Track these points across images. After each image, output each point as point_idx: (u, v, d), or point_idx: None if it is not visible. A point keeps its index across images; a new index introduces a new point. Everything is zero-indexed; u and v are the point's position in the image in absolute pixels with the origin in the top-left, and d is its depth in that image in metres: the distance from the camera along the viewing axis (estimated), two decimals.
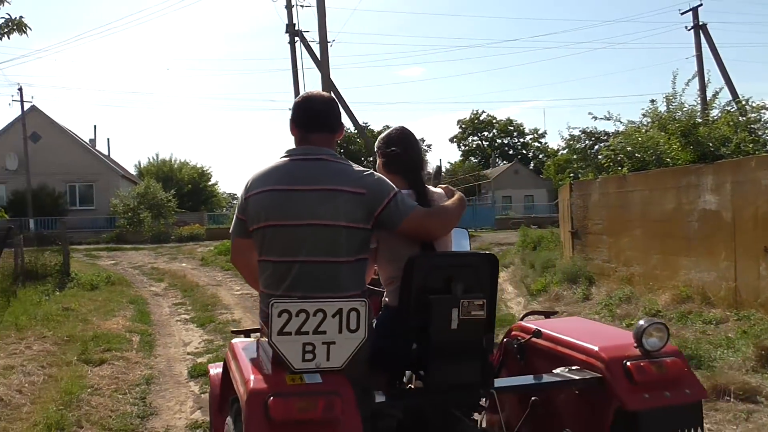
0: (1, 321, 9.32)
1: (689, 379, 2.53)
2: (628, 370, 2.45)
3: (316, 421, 2.08)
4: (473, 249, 5.23)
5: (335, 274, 2.51)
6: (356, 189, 2.53)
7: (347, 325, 2.23)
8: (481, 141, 78.32)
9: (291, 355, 2.21)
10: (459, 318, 2.47)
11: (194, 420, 5.68)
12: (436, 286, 2.51)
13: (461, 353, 2.52)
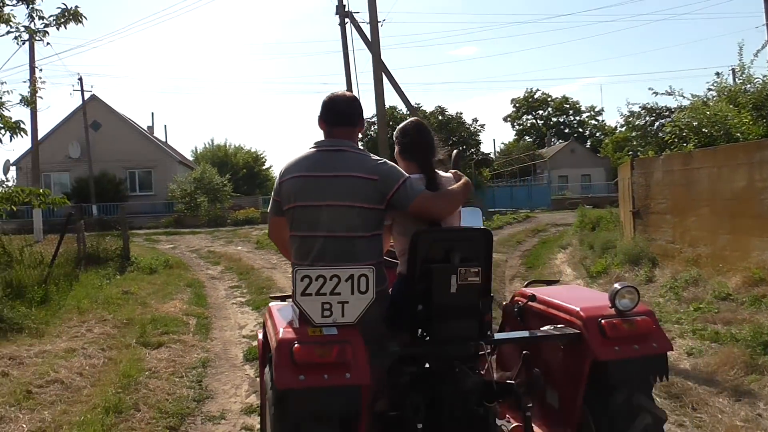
0: (64, 304, 9.54)
1: (657, 335, 2.90)
2: (602, 327, 2.84)
3: (331, 363, 2.53)
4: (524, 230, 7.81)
5: (353, 248, 2.97)
6: (371, 176, 2.98)
7: (358, 287, 2.68)
8: (536, 120, 76.89)
9: (312, 312, 2.66)
10: (457, 283, 2.89)
11: (249, 404, 5.65)
12: (437, 256, 2.93)
13: (459, 313, 2.94)
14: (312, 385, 2.51)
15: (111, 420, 4.99)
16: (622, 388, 2.86)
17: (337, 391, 2.54)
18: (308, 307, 2.67)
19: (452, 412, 2.91)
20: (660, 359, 2.90)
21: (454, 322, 2.96)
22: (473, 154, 42.64)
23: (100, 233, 16.28)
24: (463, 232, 3.26)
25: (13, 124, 13.68)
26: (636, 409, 2.85)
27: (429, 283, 2.91)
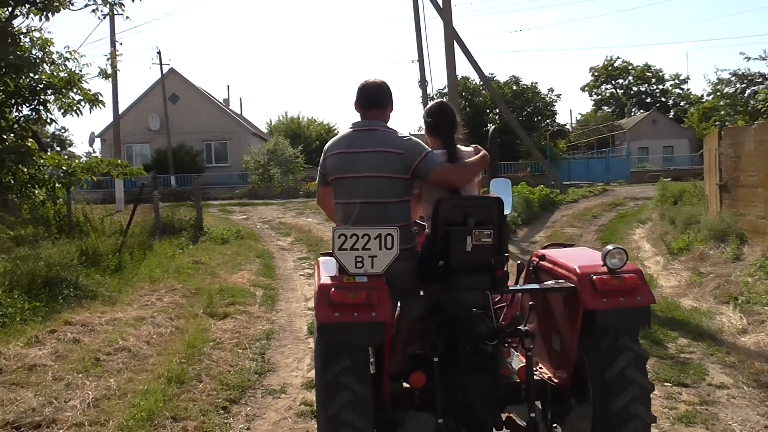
0: (137, 273, 9.77)
1: (642, 289, 3.33)
2: (593, 282, 3.28)
3: (360, 304, 3.08)
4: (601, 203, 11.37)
5: (384, 212, 3.52)
6: (397, 150, 3.53)
7: (385, 244, 3.19)
8: (615, 89, 73.91)
9: (347, 264, 3.19)
10: (472, 243, 3.36)
11: (310, 379, 5.56)
12: (456, 220, 3.41)
13: (474, 268, 3.43)
14: (344, 320, 3.07)
15: (173, 390, 5.01)
16: (608, 333, 3.32)
17: (364, 326, 3.10)
18: (344, 259, 3.20)
19: (464, 350, 3.48)
20: (643, 310, 3.33)
21: (469, 276, 3.46)
22: (548, 125, 41.44)
23: (175, 204, 16.66)
24: (478, 199, 3.79)
25: (92, 96, 14.09)
26: (620, 349, 3.31)
27: (448, 242, 3.39)
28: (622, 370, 3.28)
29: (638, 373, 3.31)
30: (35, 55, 13.04)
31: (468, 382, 3.45)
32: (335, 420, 3.11)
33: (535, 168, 35.07)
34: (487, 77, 28.93)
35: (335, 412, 3.10)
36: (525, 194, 21.60)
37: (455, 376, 3.45)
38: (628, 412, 3.25)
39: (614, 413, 3.26)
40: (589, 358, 3.40)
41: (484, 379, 3.47)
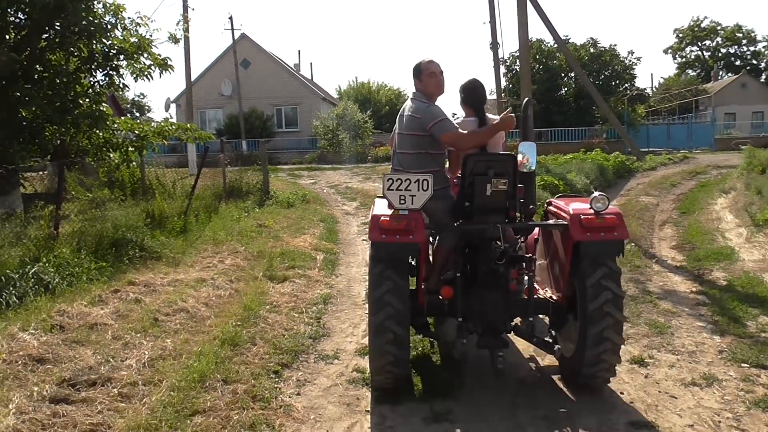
0: (201, 235, 9.90)
1: (620, 228, 4.20)
2: (581, 221, 4.19)
3: (402, 230, 4.10)
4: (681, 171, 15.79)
5: (414, 160, 4.64)
6: (416, 114, 4.62)
7: (421, 187, 4.17)
8: (702, 51, 70.01)
9: (393, 200, 4.18)
10: (491, 190, 4.35)
11: (364, 345, 5.46)
12: (479, 171, 4.37)
13: (492, 209, 4.47)
14: (389, 241, 4.15)
15: (226, 352, 5.01)
16: (591, 261, 4.22)
17: (404, 246, 4.19)
18: (391, 197, 4.20)
19: (481, 270, 4.57)
20: (618, 243, 4.23)
21: (488, 214, 4.49)
22: (627, 90, 39.71)
23: (243, 168, 16.85)
24: (497, 155, 4.72)
25: (162, 60, 14.28)
26: (598, 268, 4.22)
27: (473, 188, 4.42)
28: (598, 281, 4.21)
29: (613, 284, 4.24)
30: (107, 21, 13.28)
31: (483, 295, 4.53)
32: (380, 327, 4.19)
33: (611, 134, 33.76)
34: (562, 39, 27.80)
35: (380, 321, 4.19)
36: (599, 161, 20.83)
37: (474, 289, 4.56)
38: (602, 311, 4.20)
39: (591, 313, 4.21)
40: (580, 282, 4.32)
41: (496, 293, 4.53)
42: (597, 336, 4.19)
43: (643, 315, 6.17)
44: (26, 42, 12.67)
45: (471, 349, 4.64)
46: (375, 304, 4.22)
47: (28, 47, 12.69)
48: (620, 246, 4.23)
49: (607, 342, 4.20)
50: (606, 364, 4.30)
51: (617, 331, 4.23)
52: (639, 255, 8.79)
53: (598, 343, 4.20)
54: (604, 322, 4.17)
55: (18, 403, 3.91)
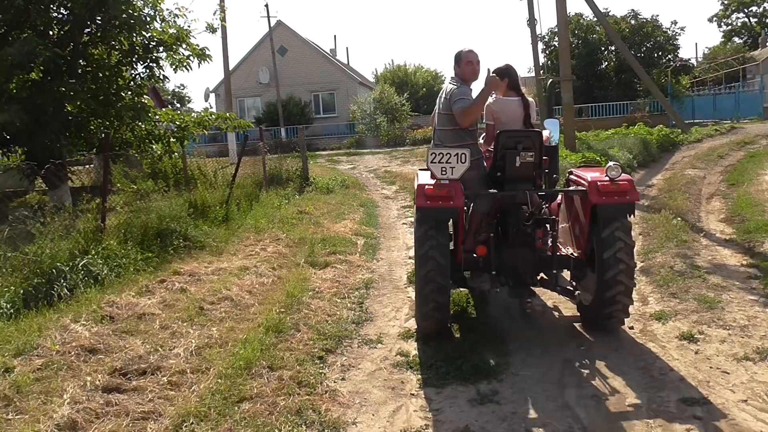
0: (243, 223, 10.02)
1: (631, 192, 4.88)
2: (597, 186, 4.87)
3: (443, 196, 4.80)
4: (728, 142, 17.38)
5: (451, 136, 5.35)
6: (446, 95, 5.32)
7: (459, 159, 4.79)
8: (748, 18, 67.45)
9: (435, 171, 4.80)
10: (520, 161, 5.08)
11: (407, 329, 5.49)
12: (510, 146, 5.09)
13: (521, 178, 5.19)
14: (433, 206, 4.87)
15: (271, 339, 5.06)
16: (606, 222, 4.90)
17: (446, 210, 4.91)
18: (434, 168, 4.82)
19: (511, 230, 5.24)
20: (630, 205, 4.91)
21: (517, 183, 5.20)
22: (670, 61, 38.59)
23: (282, 155, 16.95)
24: (525, 132, 5.38)
25: (200, 51, 14.43)
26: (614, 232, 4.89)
27: (504, 161, 5.14)
28: (612, 233, 4.89)
29: (625, 235, 4.90)
30: (146, 13, 13.45)
31: (513, 252, 5.27)
32: (426, 278, 4.91)
33: (654, 107, 32.95)
34: (602, 12, 27.11)
35: (426, 272, 4.91)
36: (642, 135, 20.35)
37: (505, 248, 5.30)
38: (616, 258, 4.84)
39: (606, 260, 4.87)
40: (596, 239, 5.02)
41: (523, 250, 5.27)
42: (612, 280, 4.87)
43: (692, 290, 6.02)
44: (69, 37, 12.93)
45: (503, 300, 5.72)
46: (420, 259, 4.96)
47: (71, 42, 12.96)
48: (632, 207, 4.93)
49: (621, 285, 4.89)
50: (620, 305, 4.98)
51: (629, 275, 4.92)
52: (686, 229, 8.55)
53: (612, 285, 4.89)
54: (618, 267, 4.85)
55: (72, 393, 4.02)
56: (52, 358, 4.59)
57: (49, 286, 6.07)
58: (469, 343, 5.03)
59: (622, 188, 4.87)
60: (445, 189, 4.82)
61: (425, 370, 4.58)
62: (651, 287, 6.31)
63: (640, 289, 6.27)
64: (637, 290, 6.23)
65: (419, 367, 4.65)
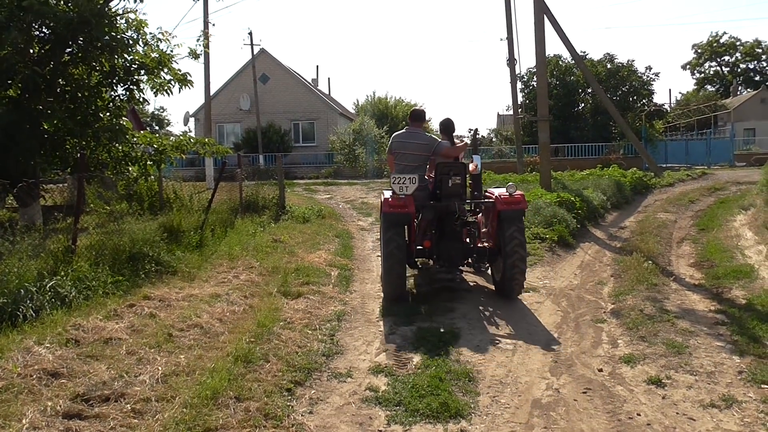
0: (216, 250, 9.93)
1: (523, 202, 7.45)
2: (501, 200, 7.37)
3: (401, 206, 7.22)
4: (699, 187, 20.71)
5: (415, 169, 7.82)
6: (426, 143, 8.04)
7: (411, 182, 7.35)
8: (720, 67, 69.62)
9: (396, 189, 7.35)
10: (451, 183, 7.59)
11: (378, 363, 5.45)
12: (445, 173, 7.59)
13: (452, 194, 7.66)
14: (394, 211, 7.19)
15: (239, 369, 4.99)
16: (507, 221, 7.35)
17: (402, 214, 7.21)
18: (394, 187, 7.31)
19: (447, 229, 7.75)
20: (522, 210, 7.49)
21: (450, 197, 7.63)
22: (644, 106, 39.48)
23: (260, 182, 16.89)
24: (454, 163, 7.83)
25: (182, 76, 14.43)
26: (512, 230, 7.34)
27: (441, 182, 7.57)
28: (512, 233, 7.32)
29: (520, 234, 7.35)
30: (129, 36, 13.44)
31: (447, 245, 7.74)
32: (389, 256, 7.16)
33: (628, 150, 33.60)
34: (580, 55, 27.70)
35: (389, 251, 7.15)
36: (616, 177, 20.69)
37: (442, 242, 7.77)
38: (514, 250, 7.27)
39: (507, 251, 7.30)
40: (500, 235, 7.46)
41: (454, 243, 7.77)
42: (511, 264, 7.31)
43: (661, 334, 6.08)
44: (49, 56, 12.86)
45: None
46: (385, 245, 7.21)
47: (51, 61, 12.89)
48: (523, 212, 7.60)
49: (517, 268, 7.34)
50: (518, 280, 7.45)
51: (523, 261, 7.38)
52: (657, 273, 8.67)
53: (512, 268, 7.33)
54: (515, 256, 7.28)
55: (32, 418, 3.92)
56: (13, 381, 4.47)
57: (15, 306, 5.93)
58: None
59: (517, 199, 7.42)
60: (402, 201, 7.29)
61: (394, 407, 4.55)
62: (621, 330, 6.36)
63: (611, 332, 6.33)
64: (608, 332, 6.31)
65: (388, 403, 4.61)
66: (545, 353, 5.73)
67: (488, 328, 6.55)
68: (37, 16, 12.13)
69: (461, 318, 6.85)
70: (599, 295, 7.93)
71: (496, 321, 6.80)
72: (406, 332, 6.31)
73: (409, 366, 5.38)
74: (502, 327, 6.58)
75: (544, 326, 6.62)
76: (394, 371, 5.26)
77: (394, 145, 8.09)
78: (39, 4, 11.94)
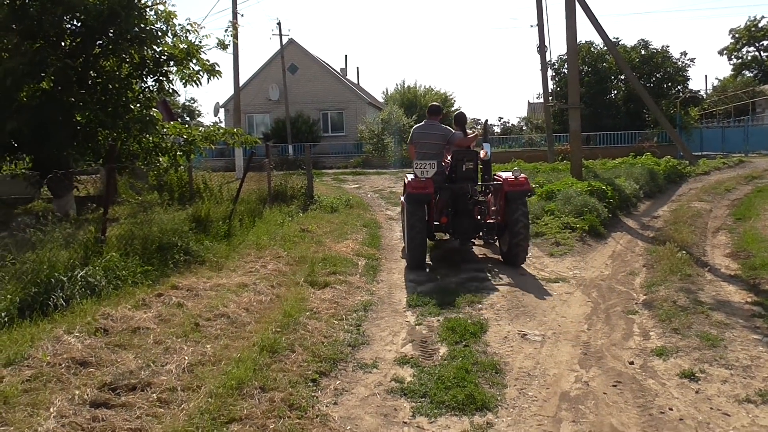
0: (244, 240, 9.97)
1: (527, 184, 8.76)
2: (508, 181, 8.71)
3: (422, 187, 8.54)
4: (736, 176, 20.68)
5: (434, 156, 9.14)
6: (443, 132, 9.43)
7: (431, 167, 8.69)
8: (759, 52, 67.67)
9: (417, 173, 8.69)
10: (464, 167, 8.92)
11: (404, 354, 5.41)
12: (459, 159, 8.94)
13: (465, 178, 8.98)
14: (415, 192, 8.51)
15: (265, 359, 4.99)
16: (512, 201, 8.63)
17: (423, 195, 8.52)
18: (416, 171, 8.67)
19: (461, 207, 9.02)
20: (526, 191, 8.77)
21: (464, 180, 8.93)
22: (679, 92, 38.67)
23: (288, 172, 16.94)
24: (467, 151, 9.11)
25: (210, 66, 14.52)
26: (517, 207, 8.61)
27: (456, 167, 8.93)
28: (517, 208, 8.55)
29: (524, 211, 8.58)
30: (159, 28, 13.54)
31: (461, 221, 8.96)
32: (412, 228, 8.42)
33: (662, 138, 32.97)
34: (612, 41, 27.22)
35: (411, 224, 8.42)
36: (649, 165, 20.30)
37: (457, 218, 8.96)
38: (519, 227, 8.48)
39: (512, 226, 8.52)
40: (507, 212, 8.62)
41: (467, 219, 8.99)
42: (516, 237, 8.54)
43: (695, 326, 5.91)
44: (81, 49, 13.04)
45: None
46: (409, 220, 8.53)
47: (82, 54, 13.06)
48: (527, 192, 8.81)
49: (521, 238, 8.55)
50: (522, 249, 8.66)
51: (526, 235, 8.64)
52: (690, 263, 8.46)
53: (517, 241, 8.57)
54: (520, 231, 8.53)
55: (59, 407, 3.96)
56: (42, 370, 4.53)
57: (46, 295, 6.02)
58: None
59: (521, 182, 8.69)
60: (423, 183, 8.55)
61: (419, 398, 4.50)
62: (653, 321, 6.21)
63: (642, 323, 6.18)
64: (639, 324, 6.16)
65: (413, 395, 4.57)
66: (574, 345, 5.63)
67: (516, 319, 6.45)
68: (68, 9, 12.29)
69: (489, 308, 6.77)
70: (631, 285, 7.76)
71: (524, 312, 6.69)
72: (433, 323, 6.26)
73: (435, 357, 5.33)
74: (531, 318, 6.48)
75: (573, 317, 6.50)
76: (419, 362, 5.21)
77: (414, 135, 9.43)
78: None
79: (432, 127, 9.37)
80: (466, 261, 9.36)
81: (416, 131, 9.45)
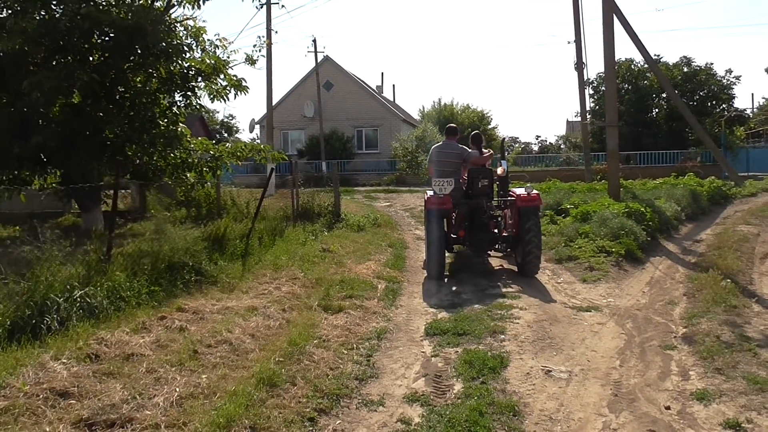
0: (261, 259, 9.62)
1: (538, 200, 9.48)
2: (521, 197, 9.36)
3: (441, 203, 9.37)
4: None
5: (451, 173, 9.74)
6: (458, 152, 9.99)
7: (448, 184, 9.43)
8: None
9: (436, 190, 9.47)
10: (480, 185, 9.77)
11: (414, 390, 4.95)
12: (475, 176, 9.84)
13: (481, 194, 9.81)
14: (435, 207, 9.33)
15: (261, 393, 4.58)
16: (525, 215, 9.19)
17: (442, 210, 9.39)
18: (435, 189, 9.41)
19: (477, 221, 9.78)
20: (538, 207, 9.46)
21: (480, 196, 9.73)
22: (724, 111, 37.43)
23: (316, 189, 16.64)
24: (483, 169, 9.93)
25: (236, 81, 14.35)
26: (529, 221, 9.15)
27: (472, 184, 9.76)
28: (529, 223, 9.08)
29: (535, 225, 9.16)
30: (188, 43, 13.43)
31: (478, 234, 9.72)
32: (432, 241, 9.23)
33: (706, 158, 31.84)
34: (653, 58, 26.39)
35: (432, 237, 9.23)
36: (692, 186, 19.46)
37: (474, 231, 9.72)
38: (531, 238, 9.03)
39: (525, 238, 9.07)
40: (520, 225, 9.17)
41: (484, 233, 9.74)
42: (528, 248, 9.02)
43: (741, 366, 5.31)
44: (109, 63, 12.98)
45: None
46: (429, 235, 9.32)
47: (111, 69, 13.00)
48: (538, 208, 9.41)
49: (533, 251, 9.04)
50: (534, 262, 9.15)
51: (538, 246, 9.12)
52: (736, 292, 7.79)
53: (529, 252, 9.03)
54: (532, 242, 9.01)
55: None
56: (17, 402, 4.19)
57: (39, 317, 5.71)
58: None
59: (533, 197, 9.22)
60: (442, 199, 9.26)
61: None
62: (693, 359, 5.62)
63: (681, 361, 5.60)
64: (678, 362, 5.59)
65: None
66: (604, 384, 5.09)
67: (541, 352, 5.93)
68: (96, 24, 12.23)
69: (512, 339, 6.26)
70: (669, 317, 7.15)
71: (550, 344, 6.16)
72: (450, 354, 5.79)
73: (449, 394, 4.86)
74: (557, 351, 5.95)
75: (604, 352, 5.95)
76: (431, 400, 4.74)
77: (433, 155, 10.02)
78: (97, 12, 12.06)
79: (449, 146, 9.97)
80: (492, 284, 8.95)
81: (434, 151, 10.04)
